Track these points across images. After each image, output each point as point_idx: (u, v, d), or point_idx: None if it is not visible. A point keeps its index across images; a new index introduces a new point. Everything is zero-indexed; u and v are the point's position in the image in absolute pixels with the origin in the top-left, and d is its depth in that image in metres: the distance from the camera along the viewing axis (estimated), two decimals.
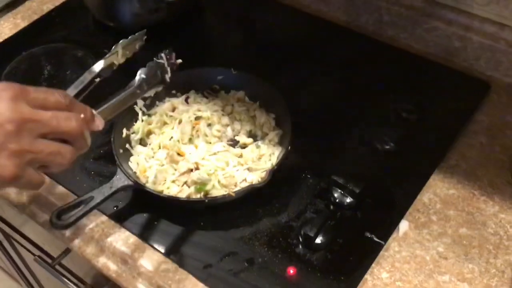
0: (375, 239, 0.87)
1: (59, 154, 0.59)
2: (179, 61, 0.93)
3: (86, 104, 0.67)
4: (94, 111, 0.67)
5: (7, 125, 0.54)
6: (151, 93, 0.88)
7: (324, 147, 1.03)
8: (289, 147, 0.94)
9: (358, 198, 0.91)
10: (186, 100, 1.09)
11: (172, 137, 1.00)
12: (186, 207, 0.94)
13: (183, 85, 1.09)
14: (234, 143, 1.01)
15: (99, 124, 0.66)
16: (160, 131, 1.03)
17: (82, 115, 0.62)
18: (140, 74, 0.85)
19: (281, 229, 0.89)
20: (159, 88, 0.89)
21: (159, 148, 1.00)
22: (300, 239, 0.87)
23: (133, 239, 0.90)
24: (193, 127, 1.02)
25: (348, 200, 0.91)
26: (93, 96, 0.84)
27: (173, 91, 1.10)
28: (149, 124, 1.04)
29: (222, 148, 0.98)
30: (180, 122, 1.03)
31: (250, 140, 1.00)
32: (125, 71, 0.89)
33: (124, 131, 1.01)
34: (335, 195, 0.92)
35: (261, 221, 0.91)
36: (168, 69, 0.89)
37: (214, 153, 0.97)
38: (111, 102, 0.77)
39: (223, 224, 0.91)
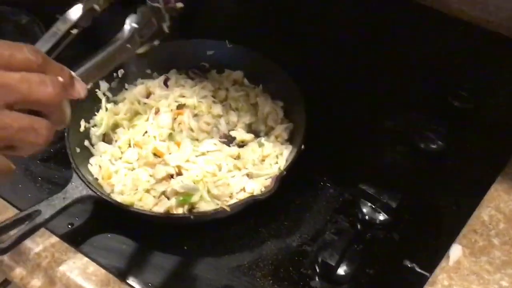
0: (418, 269, 0.85)
1: (31, 130, 0.57)
2: (180, 4, 0.90)
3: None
4: (73, 73, 0.65)
5: None
6: (144, 48, 0.85)
7: (348, 146, 1.02)
8: (302, 146, 0.93)
9: (395, 215, 0.90)
10: (165, 83, 1.08)
11: (146, 132, 1.00)
12: (165, 225, 0.92)
13: (161, 62, 1.08)
14: (229, 140, 1.00)
15: (81, 90, 0.64)
16: (130, 123, 1.02)
17: (60, 78, 0.60)
18: (130, 23, 0.83)
19: (292, 255, 0.88)
20: (156, 43, 0.86)
21: (129, 146, 0.99)
22: (317, 269, 0.85)
23: (93, 267, 0.88)
24: (175, 119, 1.01)
25: (381, 217, 0.90)
26: (70, 54, 0.82)
27: (148, 70, 1.09)
28: (116, 114, 1.03)
29: (213, 146, 0.96)
30: (157, 111, 1.02)
31: (251, 136, 1.00)
32: (111, 20, 0.87)
33: (82, 123, 1.00)
34: (364, 210, 0.91)
35: (264, 244, 0.90)
36: (166, 15, 0.87)
37: (203, 154, 0.96)
38: (94, 61, 0.75)
39: (215, 249, 0.90)
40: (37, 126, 0.58)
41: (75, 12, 0.83)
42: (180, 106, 1.03)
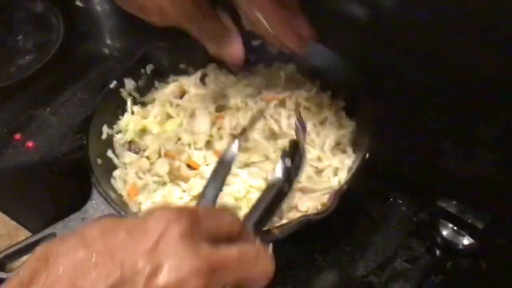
0: None
1: None
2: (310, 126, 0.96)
3: None
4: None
5: (193, 281, 0.54)
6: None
7: (425, 153, 1.01)
8: (368, 154, 0.92)
9: (482, 239, 0.88)
10: (203, 80, 1.08)
11: (179, 139, 1.00)
12: None
13: (197, 55, 1.07)
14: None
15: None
16: (160, 129, 1.03)
17: (270, 247, 0.67)
18: (283, 161, 0.82)
19: (355, 287, 0.88)
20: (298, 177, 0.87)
21: (159, 156, 1.00)
22: None
23: None
24: (214, 123, 1.02)
25: (466, 241, 0.89)
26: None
27: (182, 65, 1.10)
28: (144, 118, 1.04)
29: (260, 156, 0.97)
30: (192, 114, 1.03)
31: None
32: None
33: (105, 129, 1.01)
34: (444, 232, 0.90)
35: (321, 274, 0.90)
36: (305, 144, 0.89)
37: (247, 165, 0.96)
38: (258, 212, 0.76)
39: None
40: None
41: (234, 149, 0.88)
42: (220, 108, 1.04)
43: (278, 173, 0.80)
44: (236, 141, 0.89)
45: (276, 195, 0.79)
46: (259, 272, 0.61)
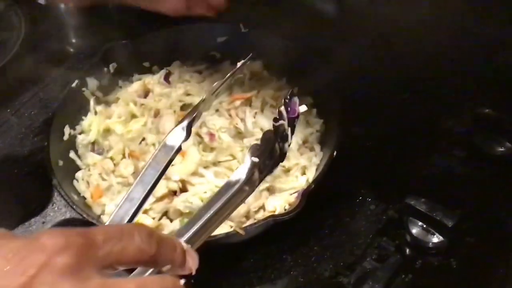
0: None
1: None
2: (304, 108, 0.89)
3: None
4: (185, 246, 0.63)
5: None
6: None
7: (393, 151, 1.01)
8: (335, 152, 0.91)
9: (452, 236, 0.88)
10: (167, 78, 1.08)
11: (143, 139, 1.00)
12: None
13: (161, 52, 1.09)
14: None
15: (192, 265, 0.64)
16: (125, 129, 1.02)
17: (181, 282, 0.59)
18: (250, 159, 0.79)
19: None
20: (274, 171, 0.84)
21: (123, 156, 0.99)
22: None
23: None
24: (178, 122, 0.98)
25: (435, 239, 0.88)
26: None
27: (146, 63, 1.10)
28: (107, 117, 1.04)
29: (225, 156, 0.97)
30: (156, 114, 1.03)
31: None
32: None
33: (67, 130, 1.01)
34: (413, 230, 0.89)
35: (289, 275, 0.89)
36: (289, 131, 0.84)
37: (213, 164, 0.96)
38: (208, 217, 0.72)
39: (228, 281, 0.89)
40: None
41: (177, 136, 0.84)
42: (185, 107, 1.03)
43: (240, 172, 0.77)
44: (184, 123, 0.86)
45: (232, 197, 0.75)
46: None
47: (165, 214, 0.92)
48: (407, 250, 0.89)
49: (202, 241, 0.70)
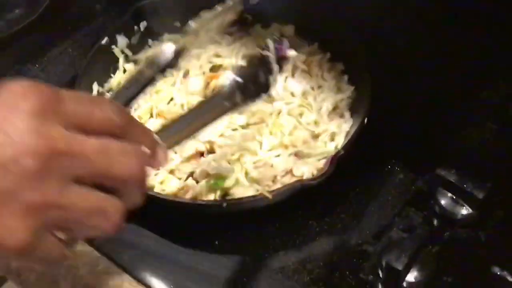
0: (510, 278, 0.83)
1: (100, 213, 0.55)
2: (293, 53, 0.91)
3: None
4: (157, 137, 0.64)
5: (25, 160, 0.49)
6: (245, 106, 0.85)
7: (425, 120, 1.00)
8: (366, 119, 0.91)
9: (482, 209, 0.87)
10: None
11: (172, 99, 1.00)
12: (192, 215, 0.91)
13: (192, 11, 1.05)
14: None
15: (163, 159, 0.64)
16: (153, 89, 1.01)
17: (145, 149, 0.59)
18: (231, 78, 0.81)
19: (349, 256, 0.87)
20: (258, 99, 0.85)
21: (151, 116, 0.99)
22: (380, 274, 0.84)
23: (104, 264, 0.89)
24: (208, 84, 1.01)
25: (464, 211, 0.88)
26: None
27: (176, 23, 1.08)
28: None
29: (254, 118, 0.96)
30: (186, 74, 1.02)
31: None
32: None
33: (95, 87, 1.01)
34: (442, 202, 0.89)
35: (315, 241, 0.89)
36: (276, 68, 0.86)
37: (241, 127, 0.95)
38: (182, 121, 0.75)
39: (253, 245, 0.89)
40: (109, 208, 0.55)
41: (166, 53, 0.84)
42: (215, 68, 1.02)
43: (223, 87, 0.80)
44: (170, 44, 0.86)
45: (212, 108, 0.78)
46: (123, 172, 0.55)
47: (191, 175, 0.92)
48: (435, 221, 0.88)
49: (174, 144, 0.73)
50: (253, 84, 0.82)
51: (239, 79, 0.80)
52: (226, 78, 0.81)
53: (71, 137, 0.52)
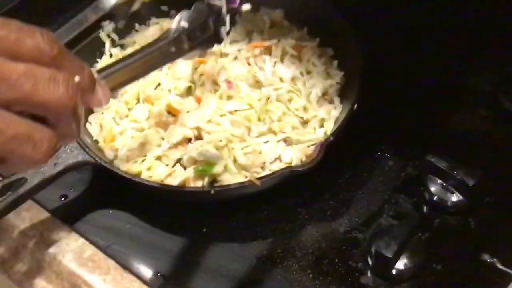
0: (499, 266, 0.82)
1: (29, 140, 0.54)
2: (246, 7, 0.90)
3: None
4: (96, 74, 0.63)
5: None
6: (193, 54, 0.84)
7: (415, 106, 0.99)
8: (355, 105, 0.90)
9: (472, 196, 0.87)
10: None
11: (159, 84, 0.99)
12: (180, 201, 0.91)
13: None
14: None
15: (103, 96, 0.62)
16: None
17: (76, 78, 0.57)
18: (179, 21, 0.81)
19: (338, 243, 0.87)
20: (208, 49, 0.86)
21: (138, 101, 0.98)
22: (370, 262, 0.83)
23: (90, 251, 0.88)
24: (196, 69, 1.00)
25: (454, 198, 0.87)
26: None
27: (164, 7, 1.08)
28: None
29: (242, 104, 0.95)
30: None
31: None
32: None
33: None
34: (432, 189, 0.88)
35: (304, 229, 0.88)
36: (227, 18, 0.86)
37: (229, 113, 0.94)
38: (126, 63, 0.73)
39: (241, 233, 0.89)
40: (37, 136, 0.54)
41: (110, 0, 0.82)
42: (203, 53, 0.98)
43: (169, 31, 0.80)
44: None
45: (157, 51, 0.77)
46: (50, 98, 0.54)
47: (179, 161, 0.91)
48: (425, 208, 0.89)
49: (117, 85, 0.71)
50: (201, 31, 0.82)
51: (185, 24, 0.80)
52: (173, 22, 0.81)
53: None
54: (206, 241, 0.88)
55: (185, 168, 0.90)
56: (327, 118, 0.95)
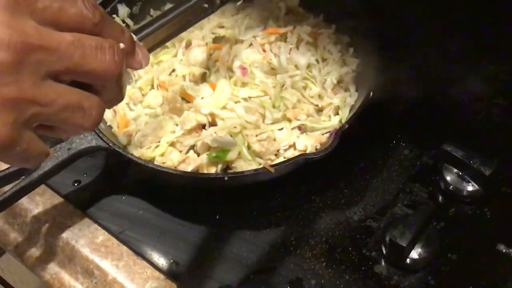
0: None
1: (79, 109, 0.55)
2: None
3: None
4: (135, 38, 0.62)
5: None
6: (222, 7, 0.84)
7: (431, 94, 0.98)
8: (371, 93, 0.90)
9: (488, 185, 0.86)
10: None
11: (173, 70, 0.99)
12: (193, 188, 0.91)
13: None
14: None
15: (143, 59, 0.62)
16: (154, 59, 1.01)
17: (121, 45, 0.58)
18: None
19: (352, 232, 0.86)
20: (238, 1, 0.87)
21: (152, 87, 0.98)
22: (384, 251, 0.83)
23: (103, 236, 0.88)
24: (210, 55, 1.00)
25: (470, 187, 0.87)
26: None
27: None
28: None
29: (257, 91, 0.95)
30: (188, 45, 1.01)
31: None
32: None
33: None
34: (448, 178, 0.87)
35: (318, 217, 0.88)
36: None
37: (244, 99, 0.94)
38: (161, 23, 0.73)
39: (254, 220, 0.89)
40: (86, 104, 0.55)
41: None
42: (218, 39, 1.01)
43: None
44: None
45: (191, 9, 0.78)
46: (98, 66, 0.54)
47: (193, 147, 0.91)
48: (440, 198, 0.88)
49: (154, 46, 0.72)
50: None
51: None
52: None
53: (44, 31, 0.51)
54: (220, 228, 0.88)
55: (198, 154, 0.90)
56: (342, 106, 0.94)
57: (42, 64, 0.51)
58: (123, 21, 1.04)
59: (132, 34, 0.61)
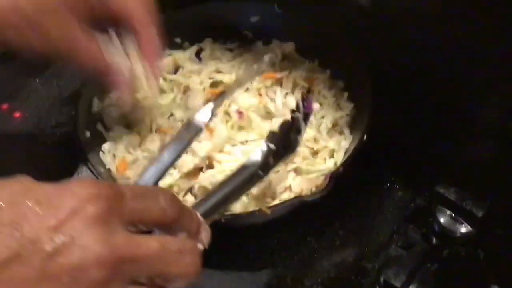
0: None
1: None
2: (317, 106, 0.92)
3: None
4: (201, 219, 0.63)
5: (92, 270, 0.49)
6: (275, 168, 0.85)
7: (424, 137, 0.99)
8: (365, 136, 0.90)
9: (481, 227, 0.87)
10: (198, 55, 1.08)
11: (172, 115, 1.00)
12: None
13: (193, 29, 1.08)
14: None
15: (205, 239, 0.63)
16: (153, 103, 1.00)
17: (200, 246, 0.60)
18: (267, 144, 0.82)
19: (347, 273, 0.87)
20: (287, 159, 0.87)
21: (151, 131, 0.99)
22: None
23: None
24: (208, 100, 0.99)
25: (463, 229, 0.88)
26: None
27: (177, 39, 1.09)
28: (136, 92, 1.01)
29: (254, 135, 0.96)
30: (186, 90, 1.02)
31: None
32: None
33: (95, 102, 1.00)
34: (441, 219, 0.88)
35: (313, 258, 0.88)
36: (303, 125, 0.87)
37: (241, 143, 0.95)
38: (220, 196, 0.75)
39: (251, 261, 0.89)
40: None
41: (205, 114, 0.88)
42: (215, 84, 1.02)
43: (257, 156, 0.80)
44: (211, 104, 0.89)
45: (246, 179, 0.78)
46: (179, 271, 0.55)
47: (190, 190, 0.91)
48: (434, 239, 0.88)
49: (214, 218, 0.72)
50: (283, 147, 0.83)
51: (272, 146, 0.82)
52: (259, 147, 0.82)
53: (133, 241, 0.52)
54: (216, 269, 0.88)
55: (196, 197, 0.90)
56: (337, 149, 0.95)
57: (128, 274, 0.52)
58: None
59: (198, 214, 0.63)
